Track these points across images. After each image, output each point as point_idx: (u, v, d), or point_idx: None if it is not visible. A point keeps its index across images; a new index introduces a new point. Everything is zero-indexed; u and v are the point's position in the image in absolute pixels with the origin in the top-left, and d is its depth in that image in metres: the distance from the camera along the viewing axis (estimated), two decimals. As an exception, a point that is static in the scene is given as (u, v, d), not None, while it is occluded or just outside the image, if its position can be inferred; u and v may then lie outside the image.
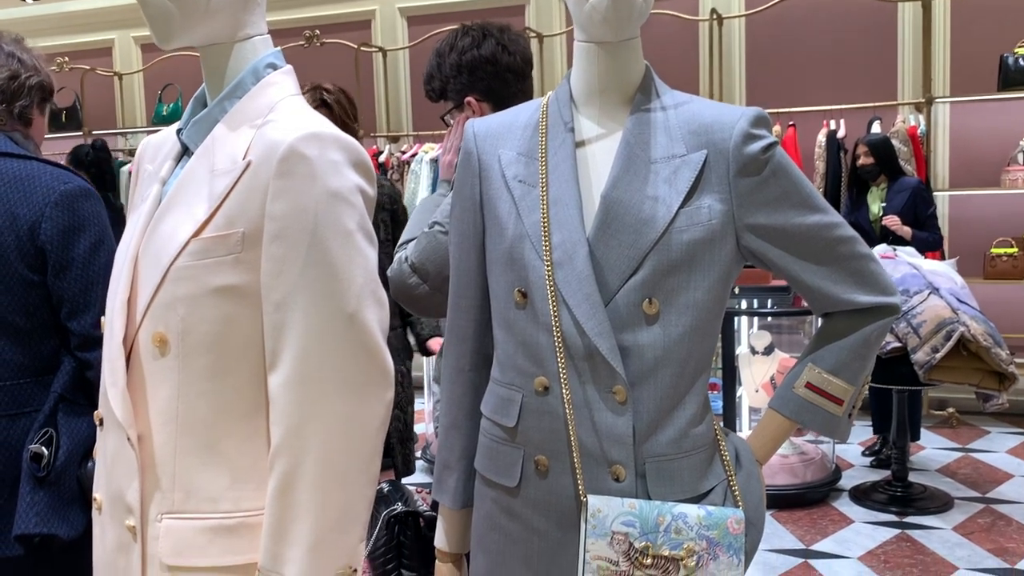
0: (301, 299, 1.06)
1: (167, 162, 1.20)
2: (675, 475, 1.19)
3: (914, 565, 3.58)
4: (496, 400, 1.28)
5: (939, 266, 4.28)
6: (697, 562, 1.14)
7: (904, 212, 4.68)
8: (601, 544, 1.14)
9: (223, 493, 1.10)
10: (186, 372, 1.10)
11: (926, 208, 4.72)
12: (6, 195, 1.63)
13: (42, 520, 1.60)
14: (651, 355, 1.18)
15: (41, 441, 1.62)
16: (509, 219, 1.24)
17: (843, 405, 1.27)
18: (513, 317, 1.24)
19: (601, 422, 1.18)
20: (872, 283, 1.25)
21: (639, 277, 1.17)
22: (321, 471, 1.05)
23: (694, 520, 1.15)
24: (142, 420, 1.12)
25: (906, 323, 3.95)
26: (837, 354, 1.26)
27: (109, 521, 1.17)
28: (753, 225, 1.21)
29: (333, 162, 1.08)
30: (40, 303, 1.65)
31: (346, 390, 1.06)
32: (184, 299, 1.09)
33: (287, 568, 1.05)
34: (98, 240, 1.68)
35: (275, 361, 1.08)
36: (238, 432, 1.11)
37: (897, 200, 4.75)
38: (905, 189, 4.74)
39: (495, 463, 1.27)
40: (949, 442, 5.16)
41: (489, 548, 1.28)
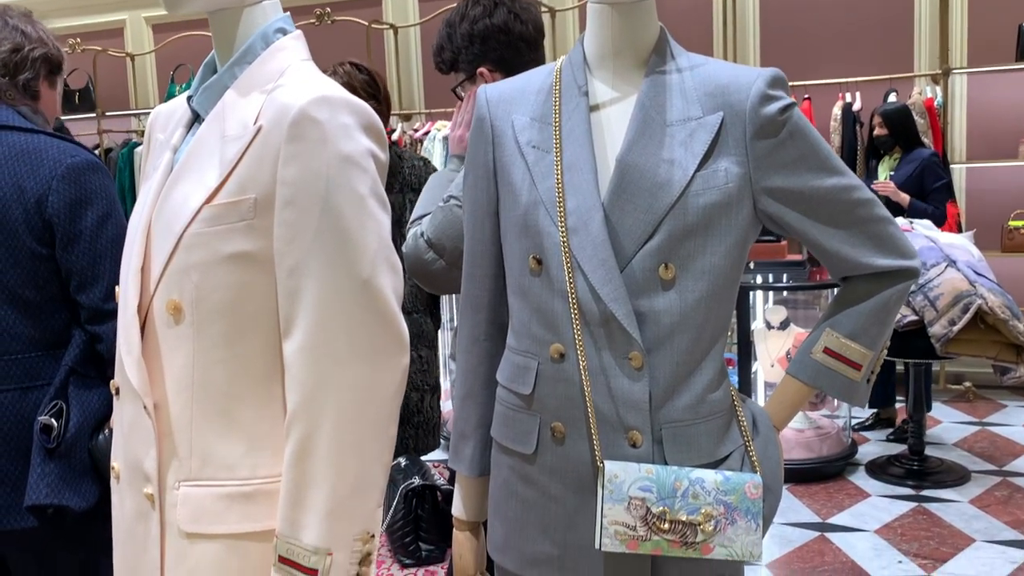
0: (314, 265, 1.06)
1: (178, 130, 1.20)
2: (692, 441, 1.19)
3: (931, 538, 3.57)
4: (512, 368, 1.27)
5: (956, 239, 4.25)
6: (715, 527, 1.14)
7: (910, 183, 4.63)
8: (618, 509, 1.13)
9: (240, 460, 1.11)
10: (201, 339, 1.10)
11: (933, 180, 4.67)
12: (13, 168, 1.63)
13: (53, 491, 1.61)
14: (667, 321, 1.17)
15: (51, 413, 1.63)
16: (523, 185, 1.23)
17: (861, 370, 1.26)
18: (528, 284, 1.23)
19: (617, 388, 1.17)
20: (891, 247, 1.23)
21: (655, 242, 1.16)
22: (337, 437, 1.05)
23: (711, 485, 1.15)
24: (158, 388, 1.12)
25: (923, 296, 3.92)
26: (855, 319, 1.25)
27: (127, 489, 1.17)
28: (770, 188, 1.19)
29: (344, 126, 1.07)
30: (49, 276, 1.66)
31: (361, 356, 1.06)
32: (197, 266, 1.09)
33: (305, 534, 1.05)
34: (105, 213, 1.68)
35: (289, 327, 1.08)
36: (254, 399, 1.11)
37: (905, 170, 4.71)
38: (915, 160, 4.69)
39: (511, 430, 1.27)
40: (966, 416, 5.14)
41: (506, 515, 1.28)
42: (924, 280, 3.94)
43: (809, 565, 3.38)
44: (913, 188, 4.63)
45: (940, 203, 4.68)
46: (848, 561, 3.39)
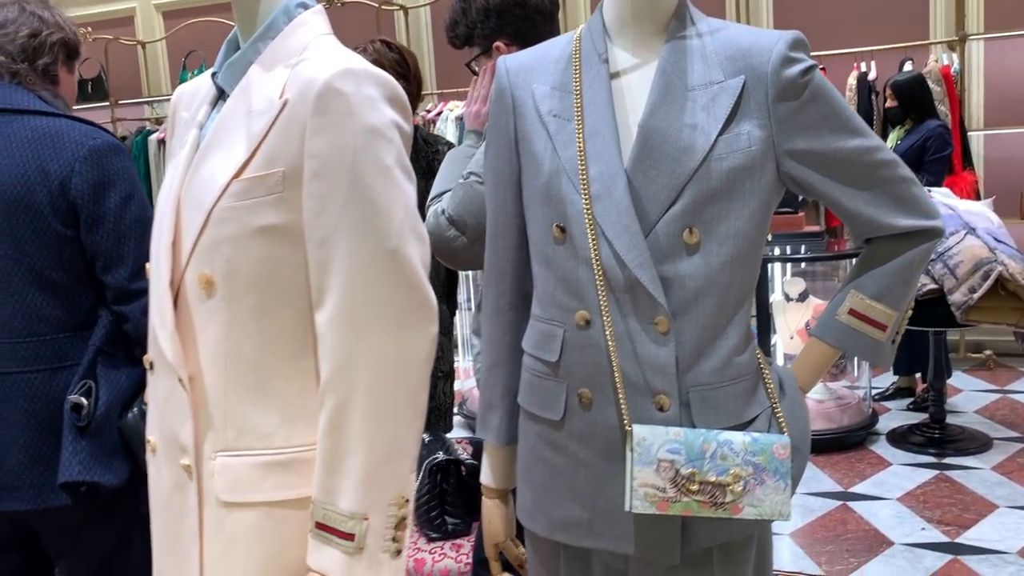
0: (344, 236, 1.07)
1: (203, 107, 1.21)
2: (719, 403, 1.20)
3: (953, 504, 3.58)
4: (537, 336, 1.28)
5: (975, 206, 4.22)
6: (744, 487, 1.15)
7: (911, 154, 4.60)
8: (648, 472, 1.15)
9: (275, 430, 1.12)
10: (233, 312, 1.12)
11: (933, 152, 4.62)
12: (37, 151, 1.64)
13: (85, 468, 1.64)
14: (692, 285, 1.18)
15: (80, 392, 1.66)
16: (545, 154, 1.24)
17: (886, 331, 1.26)
18: (552, 253, 1.24)
19: (644, 353, 1.18)
20: (914, 207, 1.23)
21: (679, 207, 1.17)
22: (370, 405, 1.07)
23: (740, 446, 1.16)
24: (192, 361, 1.14)
25: (942, 264, 3.90)
26: (880, 279, 1.25)
27: (164, 462, 1.20)
28: (793, 151, 1.20)
29: (369, 97, 1.08)
30: (75, 258, 1.68)
31: (391, 325, 1.07)
32: (228, 240, 1.10)
33: (341, 501, 1.07)
34: (128, 194, 1.70)
35: (321, 298, 1.09)
36: (287, 370, 1.13)
37: (908, 141, 4.68)
38: (922, 131, 4.66)
39: (538, 397, 1.28)
40: (986, 384, 5.12)
41: (535, 481, 1.30)
42: (943, 248, 3.92)
43: (832, 534, 3.39)
44: (913, 159, 4.59)
45: (935, 175, 4.64)
46: (871, 529, 3.40)
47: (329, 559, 1.07)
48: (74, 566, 1.78)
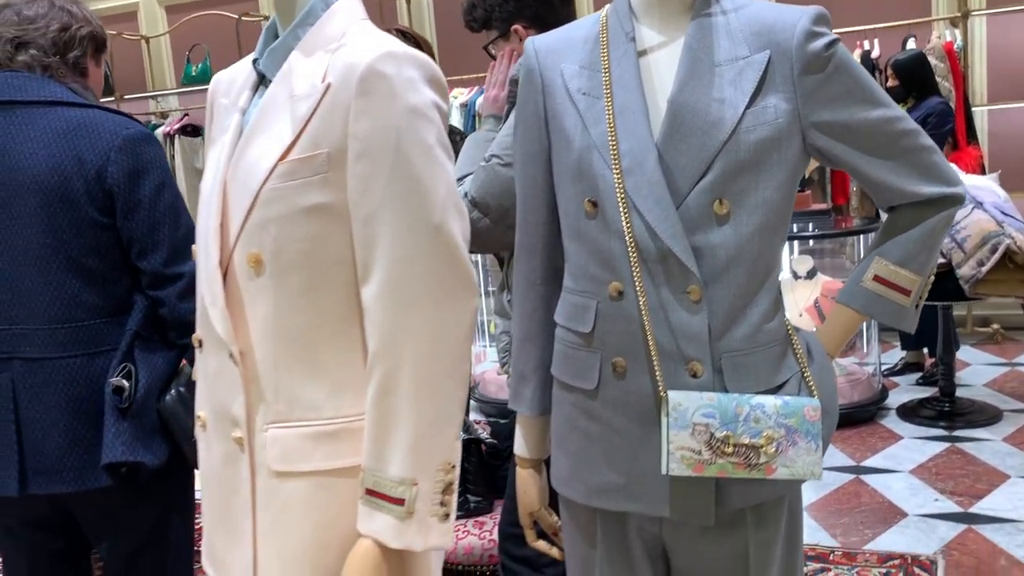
0: (388, 213, 1.11)
1: (244, 92, 1.25)
2: (751, 369, 1.24)
3: (966, 476, 3.63)
4: (570, 308, 1.32)
5: (981, 180, 4.25)
6: (777, 448, 1.19)
7: None
8: (683, 435, 1.19)
9: (324, 401, 1.16)
10: (281, 289, 1.16)
11: (931, 128, 4.63)
12: (73, 142, 1.68)
13: (128, 449, 1.68)
14: (723, 254, 1.21)
15: (121, 375, 1.70)
16: (575, 131, 1.28)
17: (910, 296, 1.30)
18: (584, 227, 1.28)
19: (676, 322, 1.22)
20: (936, 174, 1.27)
21: (709, 179, 1.20)
22: (417, 375, 1.11)
23: (772, 409, 1.20)
24: (242, 337, 1.18)
25: (950, 238, 3.93)
26: (904, 246, 1.29)
27: (215, 436, 1.24)
28: (818, 122, 1.23)
29: (410, 79, 1.12)
30: (111, 245, 1.71)
31: (435, 298, 1.11)
32: (276, 220, 1.14)
33: (391, 467, 1.11)
34: (161, 182, 1.74)
35: (367, 274, 1.13)
36: (334, 344, 1.17)
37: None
38: (922, 109, 4.69)
39: (572, 368, 1.32)
40: (995, 357, 5.16)
41: (570, 449, 1.34)
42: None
43: (847, 506, 3.44)
44: None
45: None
46: (884, 501, 3.45)
47: (380, 524, 1.11)
48: (113, 548, 1.82)
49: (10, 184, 1.66)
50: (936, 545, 3.08)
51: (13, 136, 1.67)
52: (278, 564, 1.17)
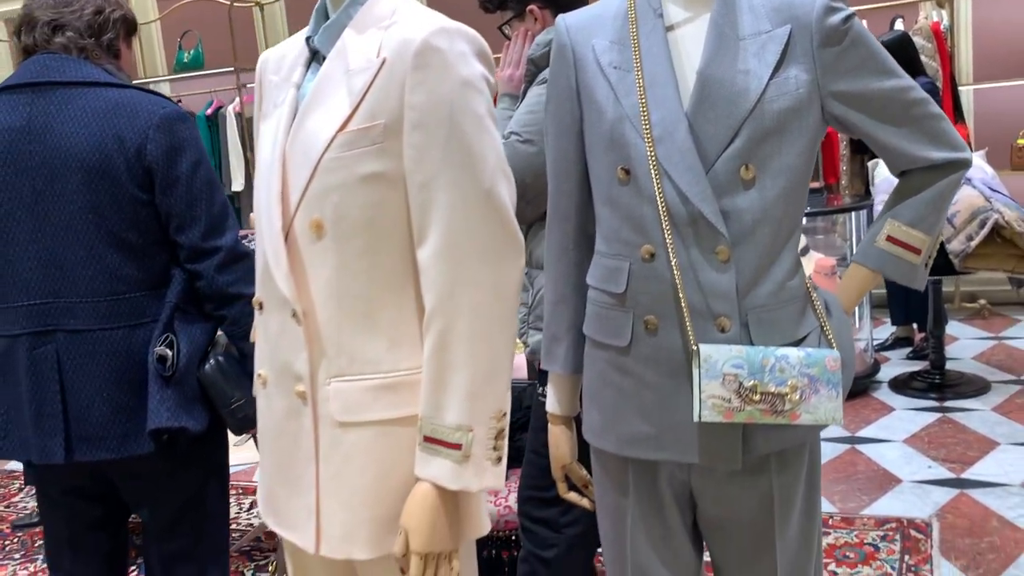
0: (443, 179, 1.19)
1: (297, 68, 1.32)
2: (775, 323, 1.32)
3: (957, 444, 3.74)
4: (603, 271, 1.40)
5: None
6: (800, 396, 1.28)
7: None
8: (714, 385, 1.27)
9: (383, 356, 1.24)
10: (342, 253, 1.23)
11: None
12: (112, 121, 1.75)
13: (172, 415, 1.75)
14: (749, 217, 1.30)
15: (164, 344, 1.77)
16: (607, 103, 1.36)
17: (921, 255, 1.39)
18: (617, 194, 1.36)
19: (706, 281, 1.31)
20: (944, 141, 1.36)
21: (736, 146, 1.29)
22: (472, 329, 1.19)
23: (795, 360, 1.29)
24: (304, 298, 1.26)
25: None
26: (915, 207, 1.38)
27: (276, 392, 1.31)
28: (836, 92, 1.32)
29: (462, 53, 1.19)
30: (150, 220, 1.78)
31: (487, 258, 1.19)
32: (336, 187, 1.22)
33: (448, 415, 1.19)
34: (197, 160, 1.81)
35: (423, 236, 1.21)
36: (391, 303, 1.25)
37: None
38: None
39: (606, 327, 1.40)
40: (982, 332, 5.29)
41: (604, 403, 1.42)
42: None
43: (844, 475, 3.55)
44: None
45: None
46: (880, 469, 3.56)
47: (438, 468, 1.19)
48: (153, 514, 1.90)
49: (53, 162, 1.72)
50: (931, 509, 3.20)
51: (54, 116, 1.74)
52: (341, 509, 1.25)
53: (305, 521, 1.29)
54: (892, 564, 2.84)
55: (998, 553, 2.86)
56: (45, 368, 1.76)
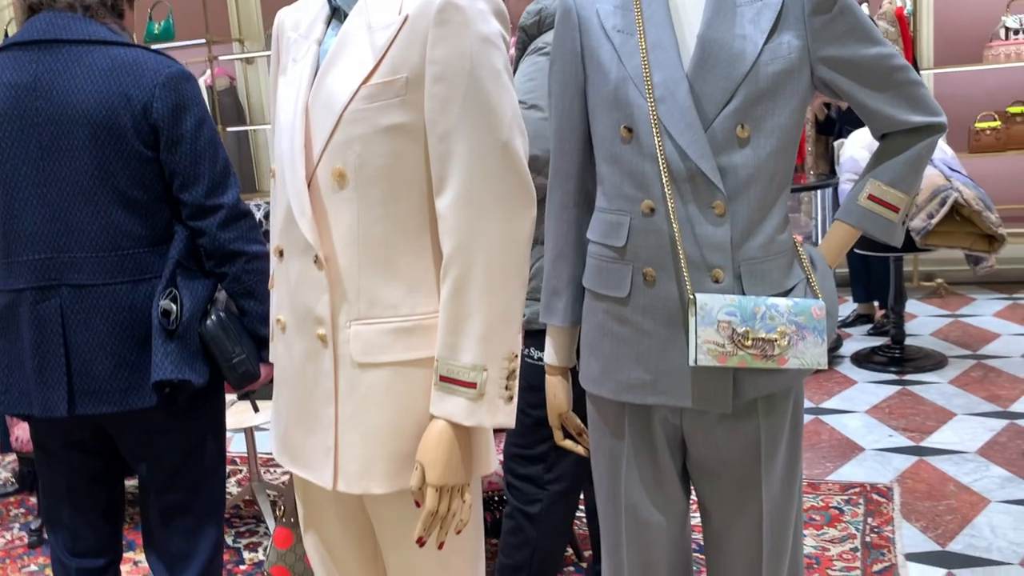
0: (463, 131, 1.25)
1: (318, 24, 1.37)
2: (765, 275, 1.41)
3: (916, 414, 3.89)
4: (604, 226, 1.48)
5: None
6: (789, 342, 1.37)
7: None
8: (709, 331, 1.35)
9: (401, 300, 1.30)
10: (363, 201, 1.29)
11: None
12: (119, 79, 1.78)
13: (176, 368, 1.79)
14: (744, 173, 1.38)
15: (168, 298, 1.81)
16: (611, 65, 1.43)
17: (899, 213, 1.48)
18: (619, 152, 1.43)
19: (702, 234, 1.39)
20: (923, 105, 1.45)
21: (732, 106, 1.36)
22: (488, 275, 1.25)
23: (784, 309, 1.37)
24: (326, 244, 1.31)
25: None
26: (894, 168, 1.47)
27: (296, 336, 1.37)
28: (825, 57, 1.40)
29: (481, 11, 1.25)
30: (154, 177, 1.82)
31: (503, 207, 1.26)
32: (359, 138, 1.27)
33: (464, 356, 1.25)
34: (201, 118, 1.85)
35: (442, 185, 1.27)
36: (410, 249, 1.31)
37: None
38: None
39: (606, 279, 1.48)
40: (939, 310, 5.47)
41: (602, 352, 1.50)
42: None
43: (809, 443, 3.68)
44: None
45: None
46: (843, 438, 3.70)
47: (454, 405, 1.26)
48: (152, 469, 1.94)
49: (60, 118, 1.75)
50: (892, 475, 3.34)
51: (60, 73, 1.76)
52: (359, 446, 1.31)
53: (323, 459, 1.35)
54: (856, 526, 2.97)
55: (955, 515, 3.00)
56: (49, 322, 1.79)
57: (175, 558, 1.99)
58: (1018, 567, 2.66)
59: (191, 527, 1.99)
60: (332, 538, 1.50)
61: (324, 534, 1.51)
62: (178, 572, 1.99)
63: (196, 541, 1.99)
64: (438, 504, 1.26)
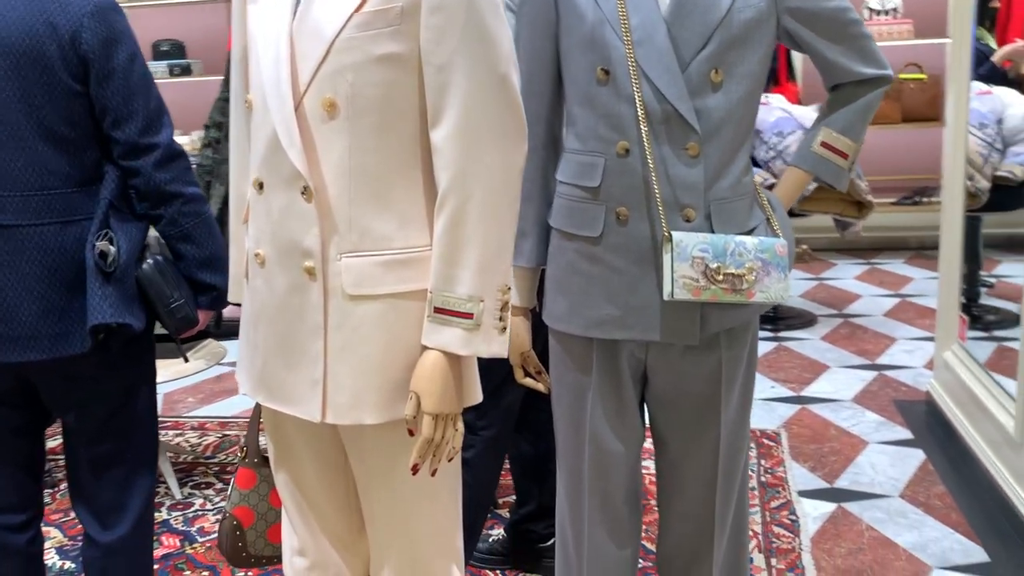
0: (461, 62, 1.25)
1: None
2: (732, 215, 1.49)
3: (794, 367, 4.15)
4: (577, 167, 1.52)
5: (807, 111, 4.76)
6: (755, 277, 1.45)
7: None
8: (684, 266, 1.42)
9: (393, 233, 1.30)
10: (355, 132, 1.27)
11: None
12: (41, 5, 1.67)
13: (116, 311, 1.72)
14: (716, 116, 1.45)
15: (105, 240, 1.73)
16: (587, 7, 1.46)
17: (848, 159, 1.59)
18: (594, 93, 1.47)
19: (675, 174, 1.45)
20: (873, 58, 1.56)
21: (707, 51, 1.43)
22: (484, 207, 1.26)
23: (751, 246, 1.46)
24: (315, 175, 1.29)
25: (782, 160, 4.41)
26: (845, 116, 1.57)
27: (278, 269, 1.34)
28: (791, 8, 1.48)
29: None
30: (83, 113, 1.72)
31: (499, 140, 1.27)
32: (351, 67, 1.25)
33: (459, 287, 1.27)
34: (133, 52, 1.76)
35: (439, 117, 1.27)
36: (402, 183, 1.30)
37: None
38: None
39: (577, 219, 1.52)
40: (806, 274, 5.81)
41: (571, 290, 1.54)
42: (783, 146, 4.44)
43: (699, 394, 3.86)
44: None
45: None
46: (730, 390, 3.90)
47: (450, 336, 1.27)
48: (82, 419, 1.85)
49: None
50: (778, 422, 3.56)
51: None
52: (350, 377, 1.31)
53: (309, 392, 1.33)
54: (751, 467, 3.16)
55: (839, 456, 3.24)
56: None
57: (107, 510, 1.92)
58: (898, 499, 2.90)
59: (124, 477, 1.92)
60: (304, 476, 1.49)
61: (296, 472, 1.50)
62: (111, 524, 1.92)
63: (129, 491, 1.93)
64: (434, 432, 1.28)
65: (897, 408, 3.62)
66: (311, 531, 1.51)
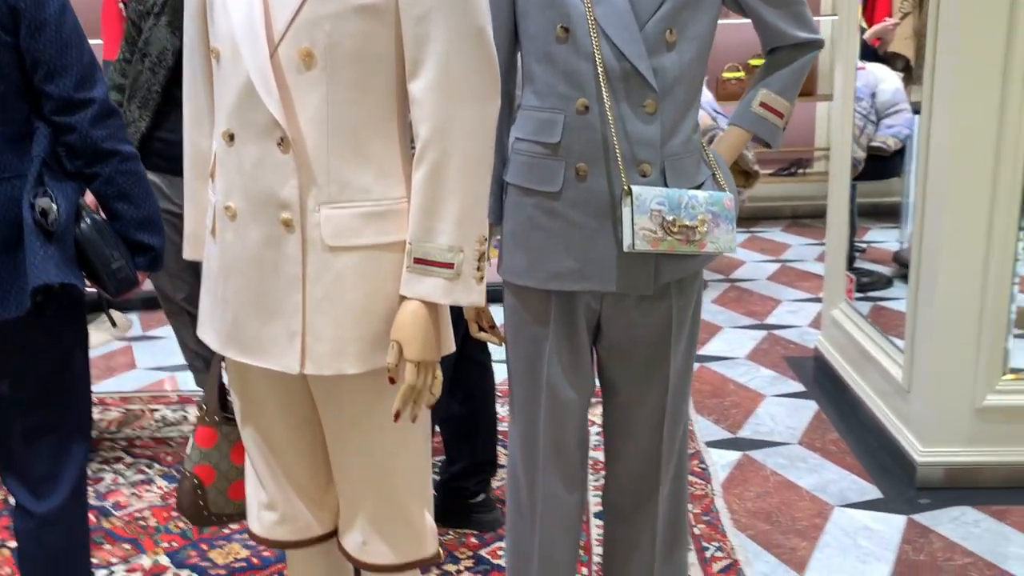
0: (440, 15, 1.26)
1: None
2: (684, 170, 1.57)
3: (690, 329, 4.33)
4: (536, 123, 1.56)
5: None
6: (707, 228, 1.54)
7: None
8: (643, 219, 1.50)
9: (372, 185, 1.31)
10: (333, 83, 1.28)
11: None
12: None
13: (60, 272, 1.65)
14: (671, 75, 1.52)
15: (45, 197, 1.66)
16: None
17: (783, 119, 1.70)
18: (554, 51, 1.52)
19: (633, 131, 1.52)
20: (807, 23, 1.66)
21: (663, 11, 1.50)
22: (464, 159, 1.29)
23: (703, 200, 1.54)
24: (292, 126, 1.28)
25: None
26: (782, 79, 1.67)
27: (252, 222, 1.33)
28: None
29: None
30: (11, 65, 1.65)
31: (476, 93, 1.30)
32: (329, 17, 1.25)
33: (440, 237, 1.29)
34: (64, 4, 1.69)
35: (417, 69, 1.29)
36: (380, 135, 1.32)
37: None
38: None
39: (537, 175, 1.57)
40: (692, 241, 6.04)
41: (531, 245, 1.59)
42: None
43: (604, 356, 3.99)
44: None
45: None
46: (632, 351, 4.05)
47: (430, 286, 1.30)
48: (15, 387, 1.78)
49: None
50: (679, 380, 3.72)
51: None
52: (330, 327, 1.32)
53: (286, 344, 1.34)
54: (660, 423, 3.30)
55: (739, 408, 3.43)
56: None
57: (41, 480, 1.85)
58: (797, 446, 3.10)
59: (58, 446, 1.86)
60: (273, 431, 1.50)
61: (264, 427, 1.50)
62: (45, 495, 1.86)
63: (64, 461, 1.87)
64: (416, 378, 1.31)
65: (788, 364, 3.85)
66: (279, 485, 1.52)
